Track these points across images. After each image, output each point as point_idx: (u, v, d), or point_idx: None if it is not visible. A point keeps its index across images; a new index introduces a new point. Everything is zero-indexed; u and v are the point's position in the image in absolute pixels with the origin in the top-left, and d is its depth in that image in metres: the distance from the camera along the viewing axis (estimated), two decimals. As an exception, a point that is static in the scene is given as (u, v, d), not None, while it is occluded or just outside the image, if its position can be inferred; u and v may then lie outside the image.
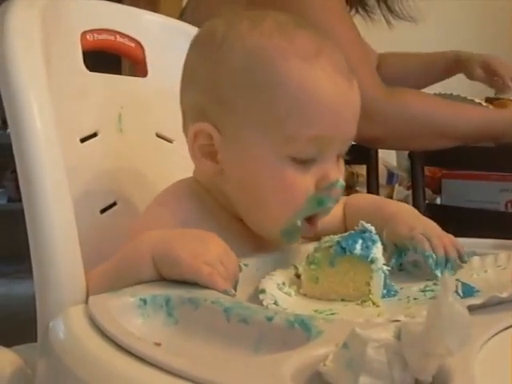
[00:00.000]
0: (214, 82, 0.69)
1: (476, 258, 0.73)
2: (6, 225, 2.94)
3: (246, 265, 0.68)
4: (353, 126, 0.69)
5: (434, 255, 0.69)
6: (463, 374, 0.37)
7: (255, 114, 0.67)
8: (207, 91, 0.69)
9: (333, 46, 0.70)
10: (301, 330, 0.47)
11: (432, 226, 0.74)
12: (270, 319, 0.49)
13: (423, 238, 0.70)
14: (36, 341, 0.66)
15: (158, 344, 0.48)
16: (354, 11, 1.50)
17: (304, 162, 0.67)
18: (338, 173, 0.69)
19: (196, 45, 0.74)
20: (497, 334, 0.47)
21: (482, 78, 1.58)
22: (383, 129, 1.18)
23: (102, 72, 0.88)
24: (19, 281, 2.88)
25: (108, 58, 0.92)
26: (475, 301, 0.53)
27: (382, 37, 1.53)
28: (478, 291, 0.61)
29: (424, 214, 1.45)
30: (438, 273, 0.69)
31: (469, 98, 1.45)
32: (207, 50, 0.71)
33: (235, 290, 0.60)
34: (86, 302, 0.56)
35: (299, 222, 0.69)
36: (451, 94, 1.49)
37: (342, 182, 0.69)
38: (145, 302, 0.56)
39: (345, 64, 0.69)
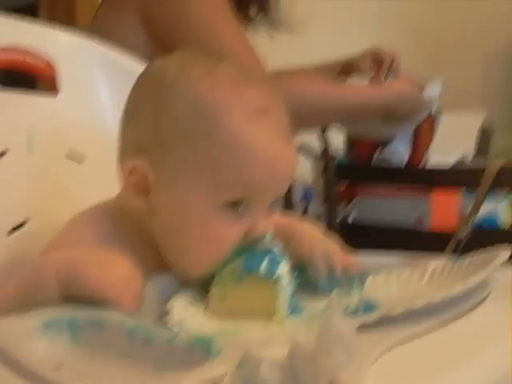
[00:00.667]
0: (157, 124, 0.69)
1: (381, 275, 0.76)
2: None
3: (153, 285, 0.69)
4: (286, 181, 0.70)
5: (324, 284, 0.72)
6: (353, 389, 0.38)
7: (191, 160, 0.67)
8: (148, 131, 0.69)
9: (280, 105, 0.71)
10: (201, 350, 0.48)
11: (332, 246, 0.76)
12: (171, 340, 0.50)
13: (322, 262, 0.72)
14: None
15: (60, 365, 0.47)
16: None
17: (234, 211, 0.67)
18: (266, 226, 0.69)
19: (144, 82, 0.74)
20: (391, 348, 0.49)
21: (370, 67, 1.63)
22: None
23: (18, 85, 0.88)
24: None
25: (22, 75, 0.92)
26: (368, 319, 0.55)
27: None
28: (377, 307, 0.63)
29: (336, 231, 1.50)
30: (334, 291, 0.71)
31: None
32: (155, 91, 0.70)
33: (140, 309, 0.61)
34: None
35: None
36: None
37: (268, 236, 0.69)
38: (48, 325, 0.55)
39: (287, 124, 0.70)
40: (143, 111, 0.71)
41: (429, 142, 1.60)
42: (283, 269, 0.66)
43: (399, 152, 1.58)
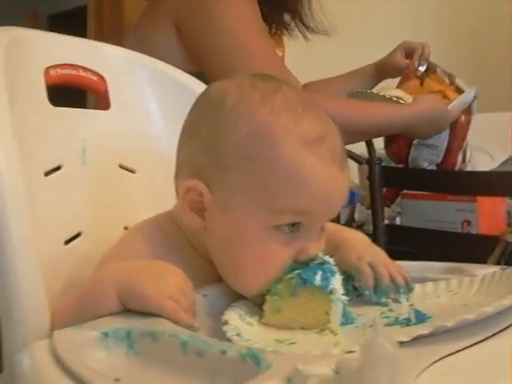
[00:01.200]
0: (215, 147, 0.71)
1: (429, 284, 0.77)
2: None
3: (204, 295, 0.71)
4: (339, 207, 0.72)
5: (371, 294, 0.73)
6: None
7: (248, 184, 0.69)
8: (207, 152, 0.71)
9: (335, 132, 0.72)
10: (252, 363, 0.50)
11: (380, 255, 0.78)
12: (223, 352, 0.52)
13: (369, 273, 0.74)
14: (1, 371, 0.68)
15: (118, 380, 0.50)
16: (273, 29, 1.58)
17: (287, 234, 0.70)
18: (317, 248, 0.71)
19: (204, 103, 0.76)
20: (434, 362, 0.50)
21: (402, 59, 1.66)
22: None
23: (68, 106, 0.91)
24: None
25: (73, 92, 0.95)
26: (423, 330, 0.56)
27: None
28: (429, 317, 0.65)
29: (383, 235, 1.50)
30: (383, 299, 0.73)
31: (381, 93, 1.53)
32: (214, 113, 0.72)
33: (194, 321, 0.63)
34: (51, 336, 0.58)
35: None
36: (365, 92, 1.56)
37: (319, 256, 0.71)
38: (107, 335, 0.58)
39: (342, 151, 0.72)
40: (201, 133, 0.73)
41: (467, 126, 1.59)
42: (337, 280, 0.68)
43: (441, 135, 1.58)
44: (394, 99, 1.48)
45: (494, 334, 0.57)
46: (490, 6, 2.88)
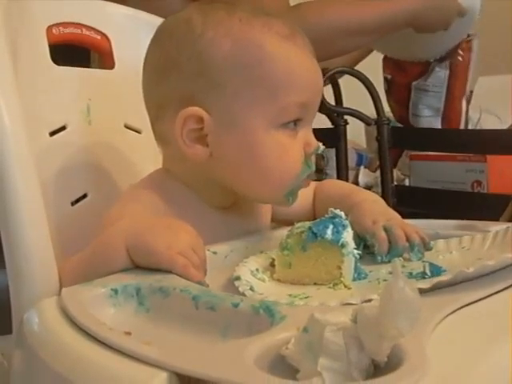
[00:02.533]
0: (202, 68, 0.72)
1: (441, 241, 0.76)
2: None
3: (214, 252, 0.70)
4: (321, 93, 0.77)
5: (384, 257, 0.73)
6: (416, 352, 0.39)
7: (247, 92, 0.71)
8: (194, 77, 0.72)
9: (300, 30, 0.76)
10: (265, 316, 0.49)
11: (395, 217, 0.77)
12: (235, 305, 0.51)
13: (384, 239, 0.73)
14: (11, 332, 0.67)
15: (128, 333, 0.49)
16: None
17: (292, 129, 0.73)
18: (315, 140, 0.75)
19: (168, 37, 0.76)
20: (451, 313, 0.49)
21: None
22: None
23: (72, 65, 0.89)
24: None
25: (77, 51, 0.93)
26: (443, 278, 0.55)
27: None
28: (444, 270, 0.63)
29: (392, 196, 1.49)
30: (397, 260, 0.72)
31: None
32: (187, 39, 0.73)
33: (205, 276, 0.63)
34: (60, 293, 0.57)
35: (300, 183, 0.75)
36: None
37: (321, 148, 0.76)
38: (116, 291, 0.57)
39: (310, 44, 0.76)
40: (181, 61, 0.73)
41: (467, 67, 1.55)
42: (348, 234, 0.66)
43: (438, 76, 1.55)
44: None
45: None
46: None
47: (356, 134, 1.94)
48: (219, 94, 0.71)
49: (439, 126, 1.59)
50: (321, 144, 0.75)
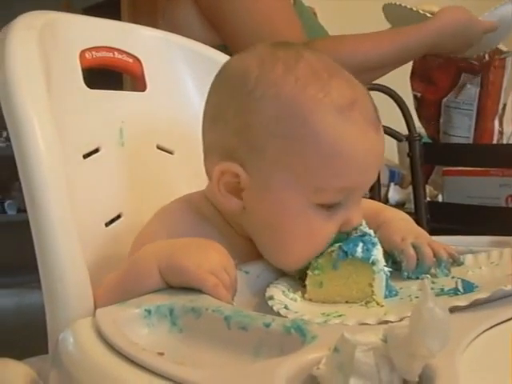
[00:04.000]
0: (245, 127, 0.69)
1: (469, 256, 0.75)
2: (16, 235, 2.97)
3: (247, 272, 0.71)
4: (377, 172, 0.71)
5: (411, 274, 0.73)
6: (447, 372, 0.39)
7: (286, 162, 0.67)
8: (237, 134, 0.69)
9: (365, 94, 0.70)
10: (296, 335, 0.49)
11: (423, 235, 0.76)
12: (267, 325, 0.51)
13: (413, 256, 0.72)
14: (48, 352, 0.68)
15: (161, 353, 0.50)
16: None
17: (330, 208, 0.69)
18: (359, 217, 0.70)
19: (225, 84, 0.74)
20: (483, 332, 0.49)
21: None
22: None
23: (105, 89, 0.91)
24: (30, 291, 2.90)
25: (110, 74, 0.95)
26: (481, 295, 0.55)
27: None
28: (477, 286, 0.63)
29: (425, 212, 1.48)
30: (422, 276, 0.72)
31: (414, 9, 1.43)
32: (238, 93, 0.70)
33: (234, 296, 0.63)
34: (94, 314, 0.58)
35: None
36: (399, 5, 1.47)
37: (363, 226, 0.70)
38: (149, 312, 0.58)
39: (375, 112, 0.70)
40: (227, 116, 0.71)
41: (500, 85, 1.52)
42: (378, 251, 0.66)
43: (469, 93, 1.53)
44: (428, 15, 1.39)
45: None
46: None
47: (388, 150, 1.93)
48: (259, 157, 0.68)
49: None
50: (364, 222, 0.70)
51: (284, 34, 1.06)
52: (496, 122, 1.54)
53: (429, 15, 1.40)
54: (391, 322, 0.53)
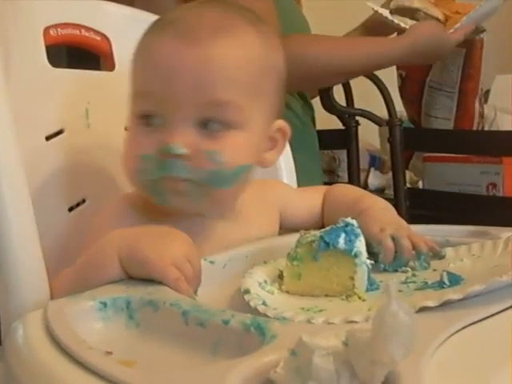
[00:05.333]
0: None
1: (450, 249, 0.73)
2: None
3: (212, 262, 0.68)
4: (193, 88, 0.67)
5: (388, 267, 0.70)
6: (412, 379, 0.36)
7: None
8: None
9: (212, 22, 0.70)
10: (256, 334, 0.46)
11: (403, 227, 0.73)
12: (226, 322, 0.48)
13: (391, 248, 0.70)
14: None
15: (109, 353, 0.47)
16: None
17: (149, 125, 0.69)
18: (182, 142, 0.67)
19: None
20: (455, 333, 0.46)
21: None
22: None
23: (79, 68, 0.88)
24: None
25: (87, 54, 0.91)
26: (476, 287, 0.52)
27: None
28: (463, 279, 0.61)
29: (405, 199, 1.46)
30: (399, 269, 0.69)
31: (395, 20, 1.44)
32: None
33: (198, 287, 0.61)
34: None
35: (151, 180, 0.69)
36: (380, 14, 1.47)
37: (177, 147, 0.66)
38: (105, 304, 0.55)
39: (199, 31, 0.68)
40: None
41: (479, 66, 1.51)
42: (361, 243, 0.63)
43: (451, 75, 1.51)
44: (402, 25, 1.41)
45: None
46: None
47: (370, 135, 1.91)
48: None
49: (451, 127, 1.55)
50: (177, 144, 0.66)
51: None
52: (477, 103, 1.52)
53: (403, 25, 1.41)
54: None
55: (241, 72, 0.69)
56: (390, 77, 1.58)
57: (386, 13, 1.45)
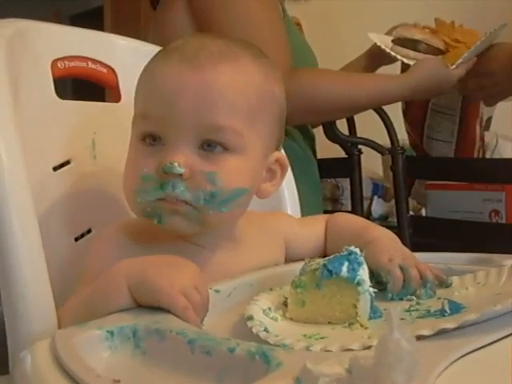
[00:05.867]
0: None
1: (456, 277, 0.74)
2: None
3: (217, 290, 0.68)
4: (194, 111, 0.69)
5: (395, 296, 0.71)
6: (415, 406, 0.37)
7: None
8: None
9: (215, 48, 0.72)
10: (261, 362, 0.47)
11: (410, 257, 0.74)
12: (232, 350, 0.49)
13: (400, 278, 0.70)
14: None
15: (117, 381, 0.47)
16: None
17: (151, 146, 0.71)
18: (184, 161, 0.68)
19: None
20: (458, 359, 0.47)
21: None
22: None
23: (86, 100, 0.89)
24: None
25: (91, 85, 0.93)
26: (471, 316, 0.53)
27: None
28: (464, 307, 0.61)
29: (408, 226, 1.46)
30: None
31: (398, 56, 1.46)
32: None
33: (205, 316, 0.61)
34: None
35: (150, 201, 0.70)
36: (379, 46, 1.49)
37: (176, 166, 0.68)
38: (112, 333, 0.55)
39: (202, 56, 0.70)
40: None
41: None
42: (364, 272, 0.64)
43: (452, 97, 1.52)
44: (406, 61, 1.44)
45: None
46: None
47: (373, 163, 1.92)
48: None
49: (453, 150, 1.57)
50: (176, 163, 0.68)
51: (270, 52, 1.05)
52: (477, 126, 1.53)
53: (406, 61, 1.44)
54: None
55: (241, 97, 0.71)
56: (391, 106, 1.59)
57: (386, 46, 1.48)
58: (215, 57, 0.70)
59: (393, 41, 1.50)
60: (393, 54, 1.46)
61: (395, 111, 1.61)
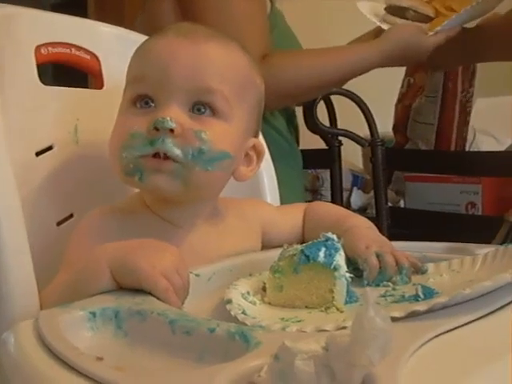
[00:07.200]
0: None
1: (431, 264, 0.75)
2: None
3: (197, 275, 0.70)
4: (187, 76, 0.73)
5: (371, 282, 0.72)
6: (388, 382, 0.38)
7: None
8: None
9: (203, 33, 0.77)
10: (240, 341, 0.48)
11: (387, 245, 0.76)
12: (212, 330, 0.50)
13: (376, 266, 0.72)
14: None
15: (100, 358, 0.48)
16: None
17: (142, 108, 0.74)
18: (170, 114, 0.72)
19: None
20: (431, 339, 0.48)
21: None
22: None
23: (71, 86, 0.90)
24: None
25: (72, 72, 0.93)
26: (440, 299, 0.55)
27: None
28: (437, 293, 0.63)
29: (386, 218, 1.48)
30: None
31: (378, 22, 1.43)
32: None
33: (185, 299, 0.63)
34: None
35: (134, 157, 0.72)
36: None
37: (168, 120, 0.71)
38: (94, 315, 0.56)
39: (196, 34, 0.76)
40: None
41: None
42: (341, 257, 0.65)
43: (435, 80, 1.54)
44: (384, 27, 1.40)
45: (494, 311, 0.55)
46: None
47: (353, 155, 1.94)
48: None
49: (434, 132, 1.58)
50: (168, 117, 0.71)
51: (247, 42, 1.06)
52: (457, 107, 1.55)
53: (384, 27, 1.40)
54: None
55: (230, 70, 0.76)
56: (374, 98, 1.61)
57: (378, 14, 1.44)
58: (209, 35, 0.77)
59: (385, 9, 1.46)
60: (378, 23, 1.42)
61: (376, 103, 1.63)
